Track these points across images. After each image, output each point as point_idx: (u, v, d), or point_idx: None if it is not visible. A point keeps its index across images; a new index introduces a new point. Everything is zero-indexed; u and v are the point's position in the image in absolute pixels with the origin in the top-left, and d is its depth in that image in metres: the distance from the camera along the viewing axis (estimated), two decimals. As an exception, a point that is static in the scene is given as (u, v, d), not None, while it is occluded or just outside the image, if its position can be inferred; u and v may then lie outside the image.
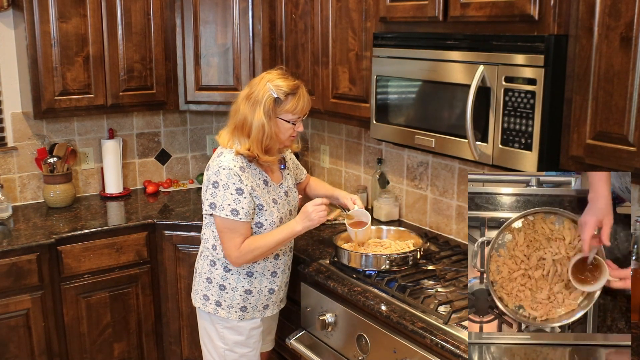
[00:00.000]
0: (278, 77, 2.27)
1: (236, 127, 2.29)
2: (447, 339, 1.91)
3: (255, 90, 2.25)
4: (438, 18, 2.22)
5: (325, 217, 2.27)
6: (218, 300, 2.39)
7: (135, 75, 3.33)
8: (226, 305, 2.38)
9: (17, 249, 2.82)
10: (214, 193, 2.25)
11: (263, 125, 2.23)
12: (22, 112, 3.38)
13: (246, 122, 2.25)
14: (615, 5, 1.71)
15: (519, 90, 1.95)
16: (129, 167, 3.77)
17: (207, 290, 2.41)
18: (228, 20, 3.34)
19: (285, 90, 2.24)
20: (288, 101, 2.25)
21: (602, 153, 1.79)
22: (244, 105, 2.27)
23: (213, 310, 2.40)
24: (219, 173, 2.24)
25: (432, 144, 2.28)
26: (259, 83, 2.27)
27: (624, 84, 1.71)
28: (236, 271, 2.37)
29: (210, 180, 2.27)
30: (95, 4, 3.16)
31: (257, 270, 2.39)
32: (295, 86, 2.27)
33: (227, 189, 2.23)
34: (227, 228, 2.25)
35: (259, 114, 2.22)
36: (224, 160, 2.26)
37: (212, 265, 2.40)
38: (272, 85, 2.23)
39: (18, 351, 2.88)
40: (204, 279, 2.42)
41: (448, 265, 2.46)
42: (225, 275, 2.38)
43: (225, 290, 2.38)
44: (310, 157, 3.74)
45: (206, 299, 2.41)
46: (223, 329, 2.42)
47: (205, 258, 2.42)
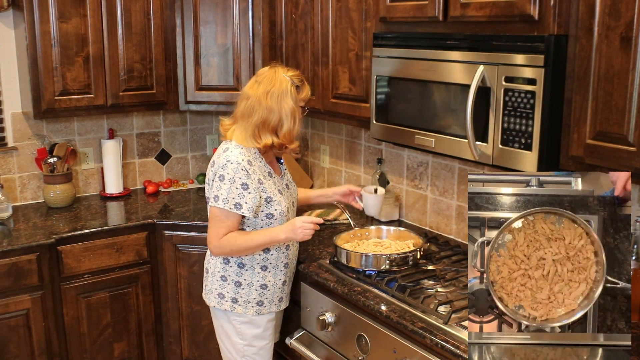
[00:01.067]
0: (285, 69, 2.36)
1: (258, 126, 2.30)
2: (447, 339, 1.91)
3: (276, 84, 2.30)
4: (438, 18, 2.22)
5: (309, 237, 2.31)
6: (234, 297, 2.41)
7: (135, 75, 3.33)
8: (243, 301, 2.41)
9: (17, 249, 2.82)
10: (219, 186, 2.28)
11: (294, 112, 2.31)
12: (22, 112, 3.38)
13: (272, 117, 2.29)
14: (615, 5, 1.71)
15: (519, 90, 1.95)
16: (129, 167, 3.77)
17: (222, 289, 2.42)
18: (228, 20, 3.34)
19: (299, 78, 2.36)
20: (302, 88, 2.36)
21: (602, 153, 1.80)
22: (267, 101, 2.29)
23: (230, 307, 2.42)
24: (226, 167, 2.27)
25: (432, 144, 2.28)
26: (274, 77, 2.32)
27: (624, 84, 1.71)
28: (250, 266, 2.40)
29: (216, 174, 2.29)
30: (95, 4, 3.16)
31: (272, 263, 2.42)
32: (301, 75, 2.40)
33: (233, 183, 2.26)
34: (219, 217, 2.29)
35: (289, 102, 2.30)
36: (232, 154, 2.28)
37: (226, 263, 2.41)
38: (288, 75, 2.33)
39: (18, 351, 2.88)
40: (218, 278, 2.43)
41: (448, 265, 2.46)
42: (240, 271, 2.40)
43: (242, 287, 2.40)
44: (310, 157, 3.74)
45: (221, 297, 2.43)
46: (240, 324, 2.44)
47: (218, 257, 2.43)
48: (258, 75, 2.37)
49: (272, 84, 2.30)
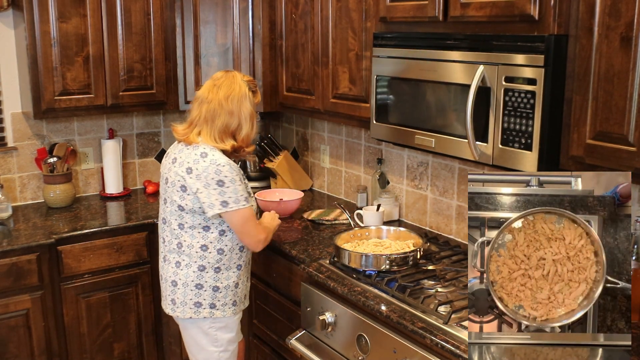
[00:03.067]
0: (241, 75, 2.44)
1: (220, 130, 2.35)
2: (447, 339, 1.91)
3: (235, 88, 2.37)
4: (438, 18, 2.22)
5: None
6: (212, 303, 2.42)
7: (135, 75, 3.33)
8: (221, 304, 2.43)
9: (17, 249, 2.82)
10: (222, 192, 2.28)
11: (252, 115, 2.40)
12: (22, 112, 3.38)
13: (233, 120, 2.35)
14: (615, 5, 1.71)
15: (519, 90, 1.95)
16: (129, 167, 3.77)
17: (198, 297, 2.41)
18: (228, 20, 3.34)
19: (254, 83, 2.45)
20: (256, 93, 2.46)
21: (602, 153, 1.80)
22: (228, 105, 2.34)
23: (209, 314, 2.42)
24: (220, 171, 2.27)
25: (432, 144, 2.28)
26: (233, 82, 2.39)
27: (624, 84, 1.71)
28: (226, 268, 2.42)
29: (211, 181, 2.27)
30: (95, 4, 3.16)
31: (244, 261, 2.49)
32: (254, 81, 2.49)
33: (235, 182, 2.30)
34: (249, 215, 2.36)
35: (247, 106, 2.37)
36: (218, 158, 2.30)
37: (201, 270, 2.40)
38: (245, 81, 2.41)
39: (18, 351, 2.88)
40: (192, 287, 2.41)
41: (448, 265, 2.46)
42: (216, 276, 2.41)
43: (219, 290, 2.42)
44: (310, 157, 3.74)
45: (199, 306, 2.42)
46: (217, 330, 2.45)
47: (190, 266, 2.40)
48: (215, 80, 2.40)
49: (232, 88, 2.36)
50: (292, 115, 3.81)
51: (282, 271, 2.80)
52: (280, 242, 2.79)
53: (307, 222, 3.10)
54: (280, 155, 3.58)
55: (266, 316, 2.95)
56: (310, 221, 3.10)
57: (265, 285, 2.93)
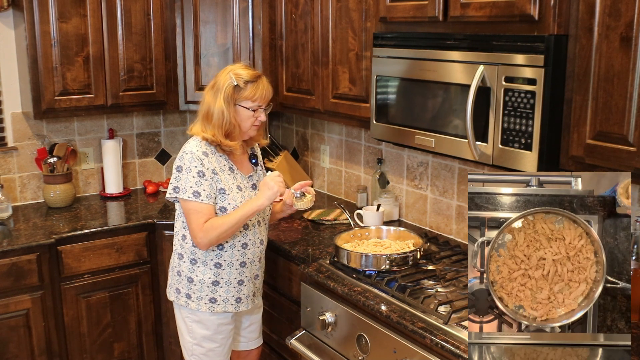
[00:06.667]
0: (240, 67, 2.40)
1: (202, 116, 2.39)
2: (447, 339, 1.91)
3: (219, 80, 2.37)
4: (438, 18, 2.22)
5: (283, 185, 2.35)
6: (188, 293, 2.44)
7: (135, 75, 3.33)
8: (195, 297, 2.43)
9: (17, 249, 2.82)
10: (177, 177, 2.34)
11: (222, 111, 2.33)
12: (22, 112, 3.38)
13: (210, 110, 2.36)
14: (615, 5, 1.71)
15: (519, 90, 1.95)
16: (129, 167, 3.77)
17: (178, 284, 2.46)
18: (228, 20, 3.34)
19: (245, 78, 2.34)
20: (247, 88, 2.34)
21: (602, 153, 1.80)
22: (208, 94, 2.39)
23: (184, 303, 2.45)
24: (183, 158, 2.34)
25: (432, 144, 2.28)
26: (222, 74, 2.39)
27: (624, 84, 1.71)
28: (202, 262, 2.41)
29: (175, 165, 2.36)
30: (95, 4, 3.16)
31: (225, 260, 2.42)
32: (256, 75, 2.38)
33: (190, 172, 2.31)
34: (192, 209, 2.32)
35: (219, 101, 2.34)
36: (188, 146, 2.37)
37: (180, 258, 2.45)
38: (233, 74, 2.35)
39: (18, 351, 2.88)
40: (175, 273, 2.48)
41: (448, 265, 2.46)
42: (191, 267, 2.43)
43: (193, 283, 2.43)
44: (310, 157, 3.74)
45: (178, 292, 2.47)
46: (192, 322, 2.46)
47: (175, 252, 2.48)
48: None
49: (216, 79, 2.39)
50: (292, 115, 3.81)
51: (282, 271, 2.80)
52: (280, 242, 2.79)
53: (307, 222, 3.11)
54: (281, 155, 3.58)
55: (266, 316, 2.95)
56: (310, 221, 3.11)
57: (265, 285, 2.93)
